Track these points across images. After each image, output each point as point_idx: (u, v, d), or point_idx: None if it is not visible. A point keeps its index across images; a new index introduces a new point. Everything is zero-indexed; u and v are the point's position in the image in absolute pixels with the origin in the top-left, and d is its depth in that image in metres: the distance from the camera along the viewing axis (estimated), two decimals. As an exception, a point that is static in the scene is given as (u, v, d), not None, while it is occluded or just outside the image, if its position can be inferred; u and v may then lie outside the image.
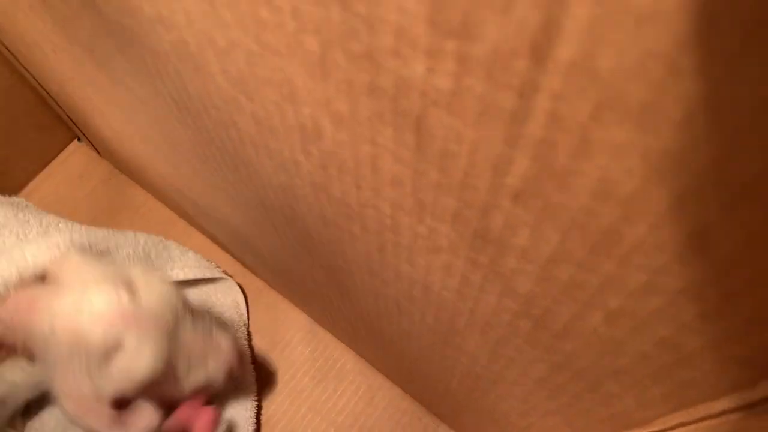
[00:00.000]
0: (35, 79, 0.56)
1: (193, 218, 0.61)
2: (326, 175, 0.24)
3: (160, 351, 0.38)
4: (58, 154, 0.72)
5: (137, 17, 0.22)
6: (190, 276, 0.59)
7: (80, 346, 0.36)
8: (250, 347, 0.61)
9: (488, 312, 0.25)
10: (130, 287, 0.39)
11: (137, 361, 0.37)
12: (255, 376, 0.59)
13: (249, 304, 0.64)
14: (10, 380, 0.45)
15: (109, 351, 0.37)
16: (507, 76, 0.13)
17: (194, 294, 0.62)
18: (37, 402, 0.55)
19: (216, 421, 0.47)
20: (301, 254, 0.38)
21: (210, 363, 0.43)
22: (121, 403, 0.39)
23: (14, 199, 0.61)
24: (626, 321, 0.19)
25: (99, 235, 0.53)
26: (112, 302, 0.37)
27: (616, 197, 0.14)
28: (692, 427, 0.22)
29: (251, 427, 0.56)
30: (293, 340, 0.61)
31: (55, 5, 0.28)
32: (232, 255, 0.65)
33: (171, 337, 0.39)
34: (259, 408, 0.58)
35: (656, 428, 0.25)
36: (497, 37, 0.13)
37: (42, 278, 0.42)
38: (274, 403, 0.58)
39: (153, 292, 0.39)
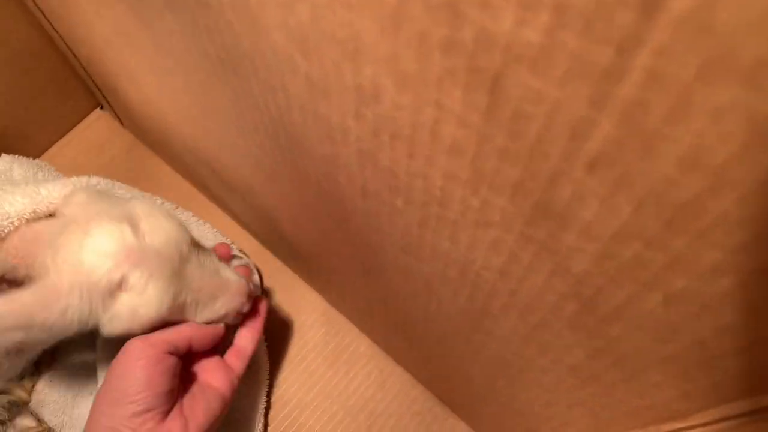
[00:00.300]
0: (65, 43, 0.56)
1: (215, 192, 0.61)
2: (376, 143, 0.23)
3: (166, 290, 0.37)
4: (80, 121, 0.72)
5: (196, -33, 0.22)
6: (207, 246, 0.59)
7: (82, 281, 0.35)
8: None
9: (532, 293, 0.25)
10: (134, 225, 0.38)
11: (144, 300, 0.36)
12: (267, 354, 0.58)
13: (265, 282, 0.63)
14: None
15: (113, 288, 0.36)
16: (608, 29, 0.13)
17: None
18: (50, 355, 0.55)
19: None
20: (330, 229, 0.37)
21: (218, 301, 0.42)
22: None
23: (36, 161, 0.61)
24: (688, 304, 0.18)
25: (117, 185, 0.53)
26: (117, 239, 0.36)
27: (705, 166, 0.14)
28: (739, 421, 0.22)
29: (262, 406, 0.55)
30: (308, 322, 0.61)
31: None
32: (252, 233, 0.65)
33: (178, 277, 0.38)
34: (270, 387, 0.57)
35: (693, 423, 0.24)
36: (604, -15, 0.12)
37: (51, 215, 0.42)
38: (285, 383, 0.58)
39: (158, 230, 0.38)
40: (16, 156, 0.59)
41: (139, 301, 0.36)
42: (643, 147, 0.15)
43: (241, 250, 0.63)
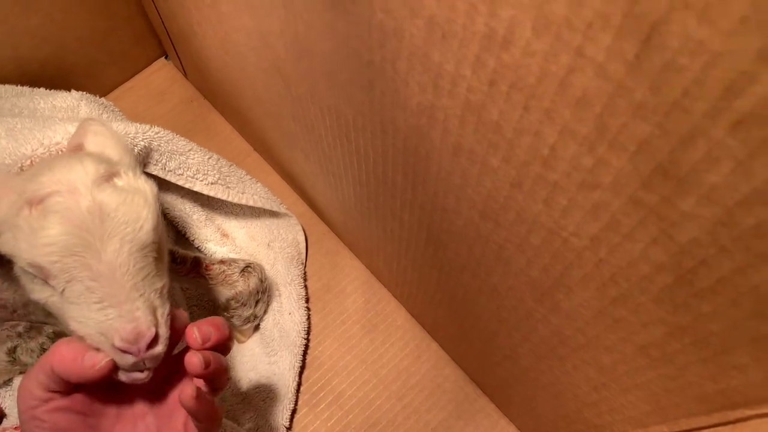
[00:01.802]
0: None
1: (273, 150, 0.61)
2: (489, 94, 0.23)
3: (59, 237, 0.32)
4: (144, 68, 0.73)
5: None
6: (258, 204, 0.60)
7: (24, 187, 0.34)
8: (305, 287, 0.61)
9: (622, 264, 0.25)
10: (110, 174, 0.35)
11: (33, 227, 0.32)
12: (308, 315, 0.59)
13: (310, 247, 0.64)
14: None
15: (33, 201, 0.33)
16: (803, -26, 0.13)
17: (257, 224, 0.63)
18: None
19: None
20: (401, 189, 0.38)
21: (101, 313, 0.33)
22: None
23: (102, 100, 0.62)
24: (804, 279, 0.18)
25: (177, 137, 0.54)
26: (79, 170, 0.34)
27: None
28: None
29: (297, 365, 0.56)
30: (348, 288, 0.62)
31: None
32: (303, 195, 0.65)
33: (85, 242, 0.32)
34: (306, 347, 0.58)
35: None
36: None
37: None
38: (321, 345, 0.59)
39: (124, 190, 0.35)
40: (84, 93, 0.60)
41: (29, 226, 0.33)
42: (804, 105, 0.15)
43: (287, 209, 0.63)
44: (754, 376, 0.23)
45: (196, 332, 0.35)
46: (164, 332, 0.34)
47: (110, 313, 0.33)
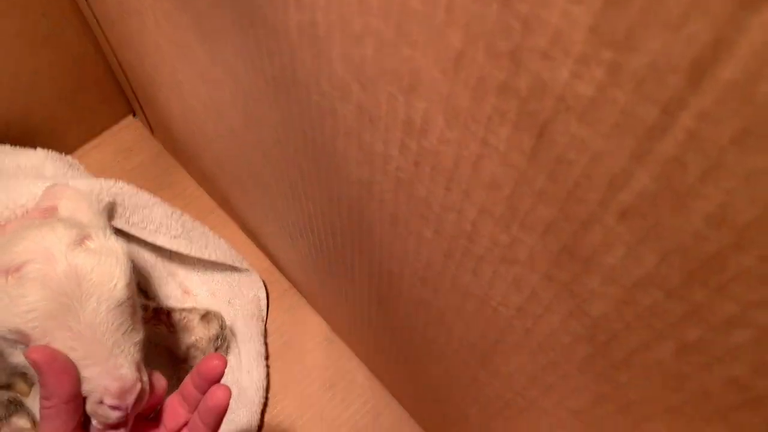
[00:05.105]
0: (112, 48, 0.58)
1: (236, 208, 0.62)
2: (416, 173, 0.25)
3: (39, 300, 0.33)
4: (112, 125, 0.74)
5: (271, -7, 0.24)
6: (220, 259, 0.60)
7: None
8: (265, 344, 0.61)
9: (546, 333, 0.26)
10: (82, 237, 0.36)
11: (13, 293, 0.33)
12: (267, 372, 0.59)
13: (272, 302, 0.64)
14: None
15: (10, 269, 0.34)
16: (656, 90, 0.14)
17: (218, 279, 0.63)
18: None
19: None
20: (350, 253, 0.38)
21: (88, 370, 0.34)
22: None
23: (68, 158, 0.63)
24: (699, 355, 0.19)
25: (140, 192, 0.55)
26: (52, 240, 0.35)
27: (731, 224, 0.15)
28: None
29: (255, 424, 0.56)
30: (308, 345, 0.62)
31: (183, -27, 0.30)
32: (265, 251, 0.66)
33: (65, 304, 0.33)
34: (265, 405, 0.58)
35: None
36: (658, 52, 0.14)
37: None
38: (280, 404, 0.58)
39: (92, 255, 0.36)
40: (50, 151, 0.61)
41: (7, 295, 0.33)
42: (675, 201, 0.16)
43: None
44: (671, 444, 0.24)
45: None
46: (147, 382, 0.37)
47: (94, 371, 0.34)
